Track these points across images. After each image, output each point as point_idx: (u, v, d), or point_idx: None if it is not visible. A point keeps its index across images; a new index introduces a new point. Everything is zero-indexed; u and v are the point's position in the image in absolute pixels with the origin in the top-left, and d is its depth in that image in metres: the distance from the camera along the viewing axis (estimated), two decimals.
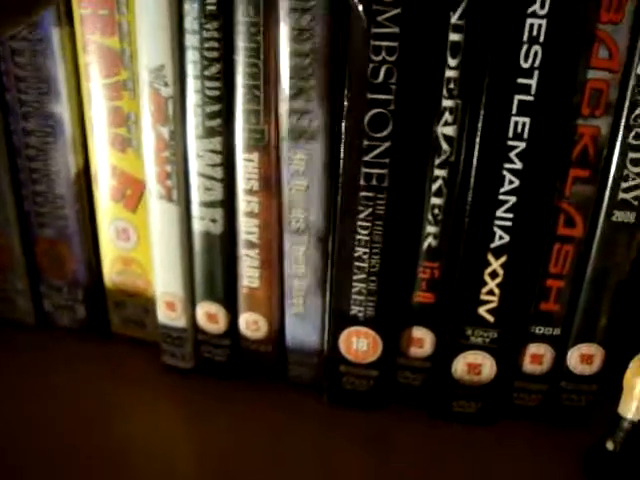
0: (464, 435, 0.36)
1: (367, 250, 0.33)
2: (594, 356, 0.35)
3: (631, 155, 0.31)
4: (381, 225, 0.32)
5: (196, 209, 0.35)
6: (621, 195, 0.32)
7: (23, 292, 0.42)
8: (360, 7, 0.28)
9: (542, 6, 0.28)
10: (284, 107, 0.32)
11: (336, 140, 0.32)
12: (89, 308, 0.41)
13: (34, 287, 0.42)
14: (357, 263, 0.33)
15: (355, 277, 0.34)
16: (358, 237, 0.33)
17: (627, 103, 0.30)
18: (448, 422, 0.37)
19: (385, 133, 0.31)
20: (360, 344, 0.35)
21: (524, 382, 0.36)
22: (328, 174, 0.33)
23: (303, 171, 0.33)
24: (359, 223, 0.32)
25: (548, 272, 0.33)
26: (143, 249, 0.38)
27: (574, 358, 0.35)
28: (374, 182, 0.32)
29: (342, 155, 0.31)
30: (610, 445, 0.33)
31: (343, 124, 0.31)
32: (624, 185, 0.31)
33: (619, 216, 0.32)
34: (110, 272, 0.40)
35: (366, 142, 0.31)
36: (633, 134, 0.31)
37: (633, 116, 0.30)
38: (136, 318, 0.41)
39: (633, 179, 0.31)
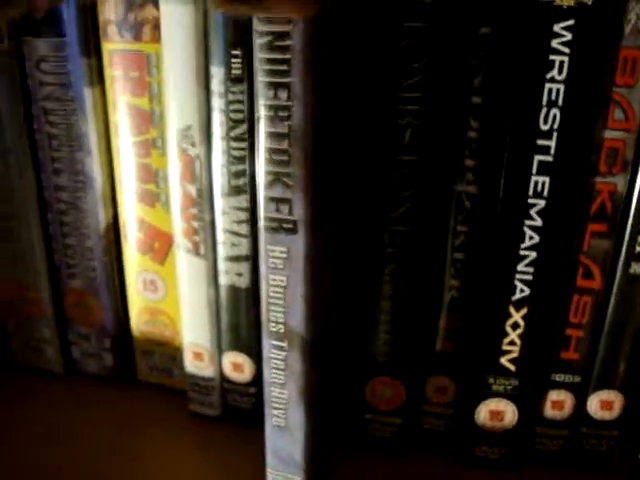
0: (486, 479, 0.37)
1: (389, 303, 0.34)
2: (614, 402, 0.36)
3: None
4: (404, 279, 0.33)
5: (222, 263, 0.36)
6: (638, 248, 0.32)
7: (52, 341, 0.43)
8: None
9: (560, 71, 0.29)
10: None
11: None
12: (116, 356, 0.42)
13: (62, 336, 0.43)
14: (381, 316, 0.34)
15: (380, 328, 0.35)
16: (383, 293, 0.34)
17: None
18: (471, 467, 0.37)
19: (409, 193, 0.32)
20: (386, 392, 0.36)
21: (545, 428, 0.37)
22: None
23: (281, 268, 0.29)
24: (385, 278, 0.33)
25: (568, 322, 0.34)
26: (171, 300, 0.39)
27: (594, 404, 0.36)
28: (398, 239, 0.33)
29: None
30: None
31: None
32: None
33: (636, 268, 0.33)
34: (138, 322, 0.41)
35: (391, 201, 0.32)
36: None
37: None
38: (163, 366, 0.42)
39: None
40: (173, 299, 0.39)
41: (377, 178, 0.32)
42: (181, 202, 0.35)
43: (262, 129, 0.27)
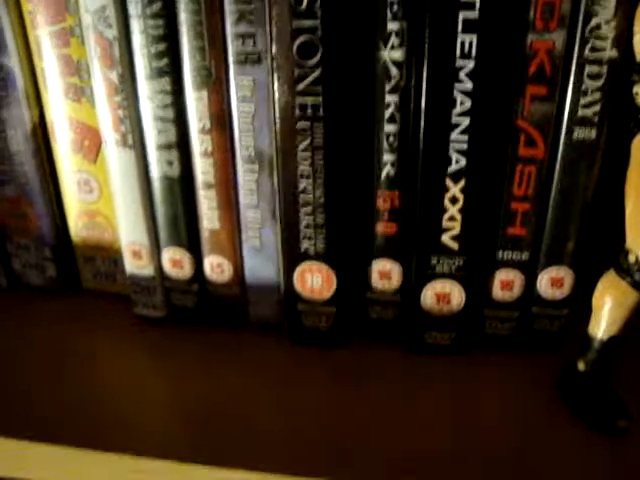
0: (438, 366, 0.36)
1: (311, 182, 0.32)
2: (564, 279, 0.34)
3: (588, 69, 0.30)
4: (322, 155, 0.32)
5: (152, 153, 0.35)
6: (581, 111, 0.31)
7: None
8: None
9: None
10: (228, 33, 0.31)
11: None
12: (58, 265, 0.41)
13: (1, 249, 0.41)
14: (302, 196, 0.33)
15: (302, 210, 0.33)
16: (300, 169, 0.32)
17: (581, 15, 0.29)
18: (422, 354, 0.36)
19: (315, 61, 0.30)
20: (315, 280, 0.35)
21: (495, 310, 0.36)
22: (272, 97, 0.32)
23: (249, 97, 0.32)
24: (300, 154, 0.32)
25: (512, 195, 0.33)
26: (106, 200, 0.38)
27: (544, 282, 0.35)
28: (309, 112, 0.31)
29: (276, 85, 0.31)
30: (581, 366, 0.33)
31: (273, 52, 0.30)
32: (583, 101, 0.31)
33: (580, 133, 0.31)
34: (76, 227, 0.40)
35: (297, 71, 0.30)
36: (589, 47, 0.30)
37: (588, 28, 0.29)
38: (107, 272, 0.40)
39: (591, 94, 0.30)
40: (109, 199, 0.37)
41: (278, 46, 0.30)
42: (104, 91, 0.34)
43: None
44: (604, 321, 0.32)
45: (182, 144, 0.34)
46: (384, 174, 0.33)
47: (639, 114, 0.29)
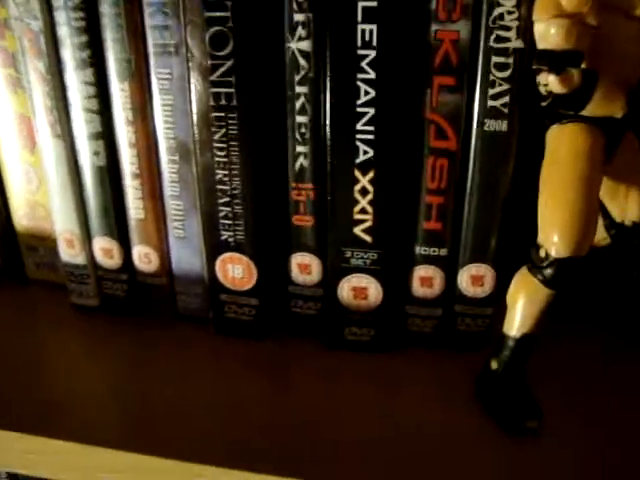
0: (358, 363, 0.35)
1: (227, 172, 0.33)
2: (485, 277, 0.34)
3: (495, 59, 0.30)
4: (237, 146, 0.32)
5: (81, 143, 0.35)
6: (490, 103, 0.31)
7: None
8: None
9: None
10: (147, 25, 0.32)
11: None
12: (3, 255, 0.42)
13: None
14: (219, 186, 0.33)
15: (220, 201, 0.33)
16: (216, 159, 0.33)
17: (485, 5, 0.29)
18: (342, 350, 0.36)
19: (227, 51, 0.30)
20: (236, 271, 0.35)
21: (416, 307, 0.35)
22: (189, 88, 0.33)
23: (169, 89, 0.33)
24: (215, 145, 0.32)
25: (426, 188, 0.32)
26: (44, 190, 0.39)
27: (465, 280, 0.34)
28: (223, 102, 0.31)
29: (191, 75, 0.31)
30: (494, 364, 0.32)
31: (187, 44, 0.31)
32: (492, 92, 0.30)
33: (491, 125, 0.31)
34: (18, 217, 0.41)
35: (210, 61, 0.31)
36: (494, 37, 0.29)
37: (492, 18, 0.29)
38: (48, 262, 0.41)
39: (500, 85, 0.30)
40: (46, 189, 0.38)
41: (192, 37, 0.31)
42: (34, 82, 0.35)
43: None
44: (517, 319, 0.31)
45: (108, 134, 0.35)
46: (297, 166, 0.33)
47: (543, 103, 0.29)
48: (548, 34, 0.27)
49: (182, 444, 0.29)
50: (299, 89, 0.32)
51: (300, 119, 0.32)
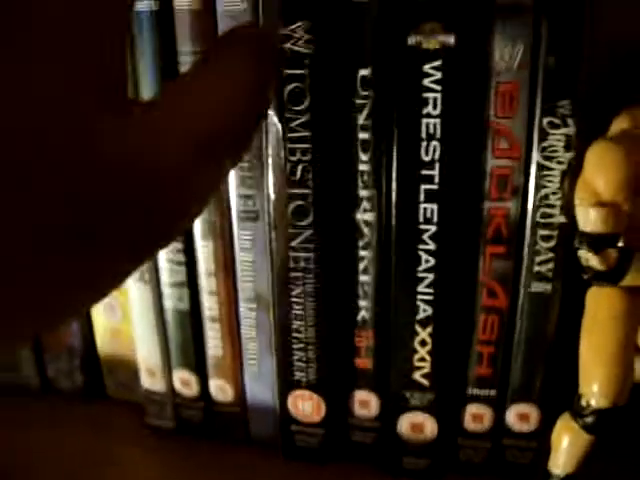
0: None
1: (302, 323, 0.37)
2: (530, 414, 0.37)
3: (541, 232, 0.34)
4: (313, 301, 0.36)
5: (165, 289, 0.40)
6: (536, 268, 0.34)
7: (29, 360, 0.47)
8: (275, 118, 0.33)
9: (434, 107, 0.32)
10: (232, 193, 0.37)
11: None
12: (86, 374, 0.46)
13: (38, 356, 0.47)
14: (295, 334, 0.37)
15: (294, 346, 0.37)
16: (293, 312, 0.37)
17: (532, 187, 0.33)
18: (400, 477, 0.39)
19: (307, 222, 0.35)
20: (306, 405, 0.39)
21: (468, 439, 0.39)
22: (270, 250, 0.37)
23: (249, 248, 0.37)
24: (293, 299, 0.36)
25: (478, 339, 0.36)
26: (128, 322, 0.43)
27: (512, 417, 0.38)
28: (302, 264, 0.35)
29: (273, 241, 0.36)
30: None
31: (270, 213, 0.35)
32: (538, 259, 0.34)
33: (537, 287, 0.35)
34: (102, 342, 0.45)
35: (291, 230, 0.35)
36: (540, 213, 0.33)
37: (538, 197, 0.33)
38: (127, 382, 0.45)
39: (545, 253, 0.34)
40: (129, 321, 0.43)
41: (275, 209, 0.35)
42: None
43: None
44: (561, 459, 0.34)
45: (191, 283, 0.39)
46: (360, 317, 0.37)
47: (585, 276, 0.32)
48: (588, 219, 0.31)
49: None
50: (362, 253, 0.36)
51: (363, 278, 0.36)
